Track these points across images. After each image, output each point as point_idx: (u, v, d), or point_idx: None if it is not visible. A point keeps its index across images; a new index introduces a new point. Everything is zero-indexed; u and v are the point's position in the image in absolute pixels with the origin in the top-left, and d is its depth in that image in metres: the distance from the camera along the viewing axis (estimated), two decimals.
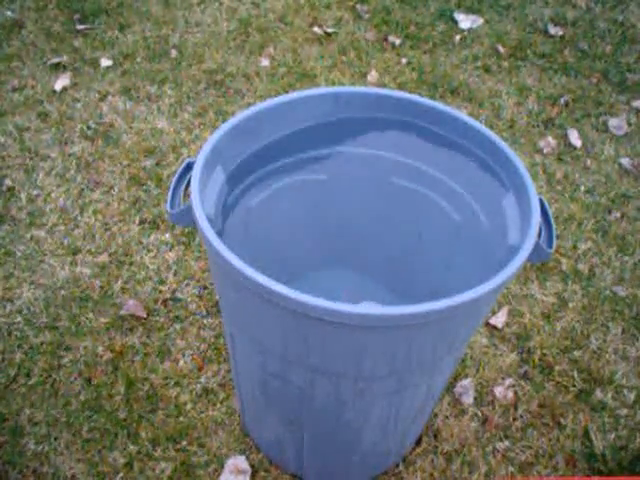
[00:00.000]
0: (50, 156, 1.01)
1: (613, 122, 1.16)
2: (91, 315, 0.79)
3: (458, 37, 1.35)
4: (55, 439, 0.67)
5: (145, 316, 0.79)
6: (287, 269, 0.69)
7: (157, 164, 1.01)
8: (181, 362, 0.75)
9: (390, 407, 0.54)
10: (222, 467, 0.66)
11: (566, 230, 0.95)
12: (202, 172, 0.50)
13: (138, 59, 1.23)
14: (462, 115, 0.57)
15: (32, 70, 1.18)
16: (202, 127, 1.08)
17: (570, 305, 0.84)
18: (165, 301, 0.82)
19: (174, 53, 1.25)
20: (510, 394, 0.73)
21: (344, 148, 0.63)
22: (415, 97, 0.59)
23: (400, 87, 1.19)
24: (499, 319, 0.82)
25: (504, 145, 0.54)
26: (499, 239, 0.54)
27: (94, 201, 0.94)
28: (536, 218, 0.48)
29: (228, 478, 0.64)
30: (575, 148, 1.10)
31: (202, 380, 0.73)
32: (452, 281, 0.61)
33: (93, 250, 0.87)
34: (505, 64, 1.28)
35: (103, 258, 0.86)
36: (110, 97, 1.13)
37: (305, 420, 0.56)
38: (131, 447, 0.67)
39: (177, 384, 0.72)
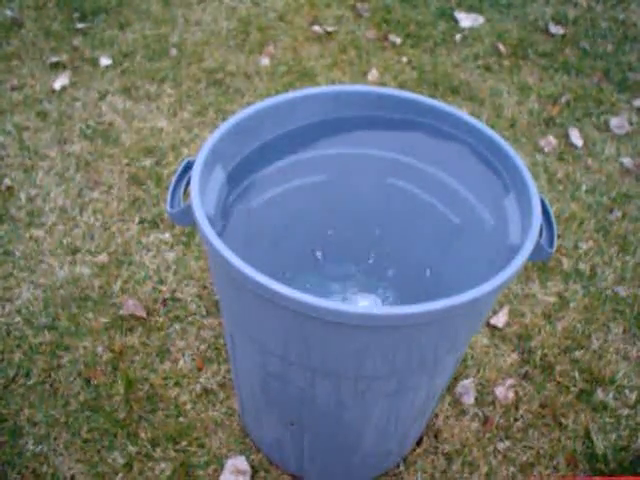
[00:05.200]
0: (49, 155, 1.01)
1: (614, 121, 1.15)
2: (90, 315, 0.79)
3: (459, 36, 1.34)
4: (54, 439, 0.67)
5: (145, 316, 0.79)
6: (287, 269, 0.69)
7: (157, 163, 1.01)
8: (181, 362, 0.74)
9: (391, 407, 0.54)
10: (222, 467, 0.65)
11: (567, 230, 0.94)
12: (202, 171, 0.49)
13: (138, 58, 1.22)
14: (463, 114, 0.57)
15: (31, 69, 1.18)
16: (202, 126, 1.08)
17: (571, 305, 0.84)
18: (165, 301, 0.81)
19: (174, 52, 1.25)
20: (511, 394, 0.73)
21: (344, 147, 0.63)
22: (416, 96, 0.58)
23: (400, 86, 1.19)
24: (500, 319, 0.81)
25: (505, 144, 0.54)
26: (500, 238, 0.53)
27: (93, 200, 0.94)
28: (537, 218, 0.48)
29: (228, 478, 0.64)
30: (576, 147, 1.10)
31: (202, 380, 0.73)
32: (452, 281, 0.60)
33: (92, 250, 0.87)
34: (506, 63, 1.28)
35: (102, 258, 0.86)
36: (109, 96, 1.13)
37: (305, 420, 0.56)
38: (130, 447, 0.66)
39: (177, 384, 0.72)
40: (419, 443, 0.68)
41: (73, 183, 0.97)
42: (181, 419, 0.69)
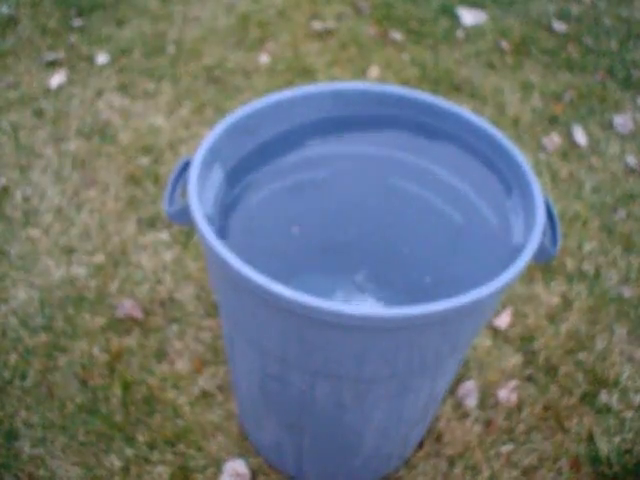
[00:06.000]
0: (45, 154, 1.00)
1: (618, 120, 1.14)
2: (87, 316, 0.78)
3: (461, 33, 1.33)
4: (51, 442, 0.66)
5: (142, 317, 0.78)
6: (286, 269, 0.68)
7: (154, 162, 1.00)
8: (179, 364, 0.74)
9: (392, 410, 0.53)
10: (220, 471, 0.64)
11: (571, 229, 0.93)
12: (200, 170, 0.49)
13: (135, 55, 1.21)
14: (465, 112, 0.56)
15: (27, 67, 1.17)
16: (200, 124, 1.07)
17: (575, 306, 0.83)
18: (162, 302, 0.80)
19: (172, 49, 1.23)
20: (514, 396, 0.72)
21: (344, 145, 0.62)
22: (417, 93, 0.57)
23: (402, 83, 1.17)
24: (503, 320, 0.80)
25: (508, 143, 0.53)
26: (503, 238, 0.52)
27: (90, 200, 0.93)
28: (541, 217, 0.47)
29: None
30: (580, 146, 1.08)
31: (200, 382, 0.72)
32: (455, 282, 0.59)
33: (89, 250, 0.86)
34: (509, 60, 1.27)
35: (99, 258, 0.85)
36: (106, 94, 1.12)
37: (305, 423, 0.55)
38: (128, 450, 0.65)
39: (174, 386, 0.71)
40: (421, 446, 0.67)
41: (69, 182, 0.95)
42: (179, 422, 0.68)
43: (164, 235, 0.89)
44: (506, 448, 0.68)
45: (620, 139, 1.10)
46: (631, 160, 1.07)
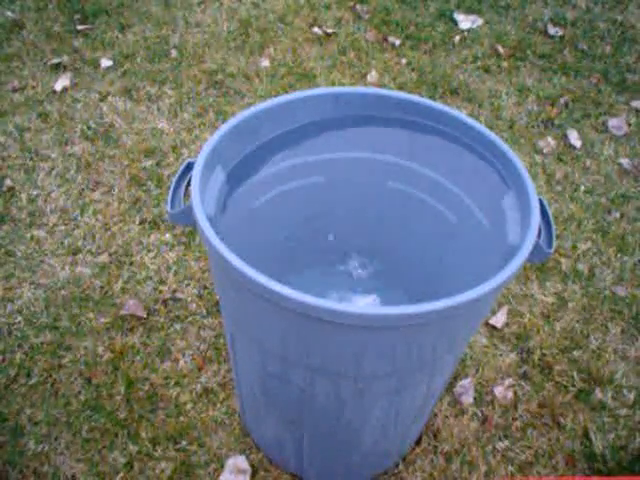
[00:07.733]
0: (50, 156, 1.02)
1: (613, 122, 1.16)
2: (91, 315, 0.79)
3: (458, 37, 1.35)
4: (55, 439, 0.67)
5: (145, 316, 0.79)
6: (287, 269, 0.69)
7: (157, 164, 1.01)
8: (181, 362, 0.75)
9: (390, 407, 0.54)
10: (222, 467, 0.66)
11: (566, 230, 0.95)
12: (202, 172, 0.50)
13: (138, 59, 1.23)
14: (462, 115, 0.57)
15: (32, 70, 1.18)
16: (202, 127, 1.08)
17: (570, 305, 0.84)
18: (165, 301, 0.82)
19: (174, 53, 1.25)
20: (510, 394, 0.73)
21: (343, 148, 0.63)
22: (415, 97, 0.59)
23: (400, 87, 1.19)
24: (499, 319, 0.82)
25: (504, 145, 0.55)
26: (499, 239, 0.54)
27: (94, 201, 0.95)
28: (536, 218, 0.48)
29: (228, 478, 0.64)
30: (575, 148, 1.10)
31: (202, 380, 0.73)
32: (452, 281, 0.61)
33: (93, 250, 0.88)
34: (505, 64, 1.29)
35: (103, 258, 0.86)
36: (110, 97, 1.13)
37: (305, 420, 0.56)
38: (131, 447, 0.67)
39: (177, 384, 0.73)
40: (418, 442, 0.68)
41: (74, 184, 0.97)
42: (181, 418, 0.69)
43: (167, 236, 0.90)
44: (502, 444, 0.69)
45: (614, 141, 1.12)
46: (625, 162, 1.08)
